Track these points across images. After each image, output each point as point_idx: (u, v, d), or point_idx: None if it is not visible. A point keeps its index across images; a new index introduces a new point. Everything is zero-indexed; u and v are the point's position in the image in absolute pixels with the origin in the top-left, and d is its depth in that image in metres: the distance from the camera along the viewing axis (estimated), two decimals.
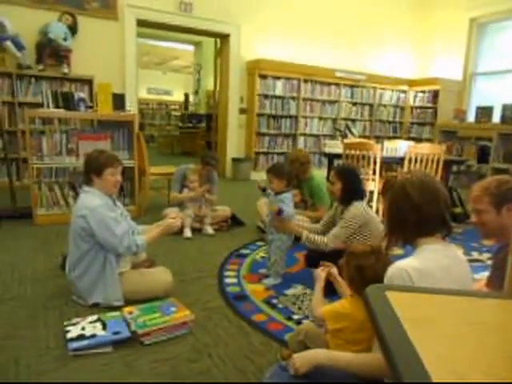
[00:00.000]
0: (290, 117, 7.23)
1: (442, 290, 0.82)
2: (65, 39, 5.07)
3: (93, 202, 2.18)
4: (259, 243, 3.47)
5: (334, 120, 7.67)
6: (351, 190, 2.51)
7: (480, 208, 1.54)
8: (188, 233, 3.58)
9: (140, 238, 2.30)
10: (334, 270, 1.77)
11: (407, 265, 1.16)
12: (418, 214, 1.24)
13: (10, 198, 3.86)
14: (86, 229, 2.16)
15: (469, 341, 0.60)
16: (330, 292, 1.79)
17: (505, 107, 5.85)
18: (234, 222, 3.96)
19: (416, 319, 0.61)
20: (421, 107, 8.08)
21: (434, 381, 0.49)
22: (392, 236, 1.34)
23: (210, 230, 3.71)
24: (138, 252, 2.31)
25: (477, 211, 1.55)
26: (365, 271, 1.40)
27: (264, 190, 2.74)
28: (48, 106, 3.83)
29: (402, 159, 4.38)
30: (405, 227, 1.28)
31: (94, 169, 2.24)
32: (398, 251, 2.87)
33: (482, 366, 0.55)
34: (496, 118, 6.13)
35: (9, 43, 4.80)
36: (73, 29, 5.20)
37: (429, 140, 7.34)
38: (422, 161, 4.19)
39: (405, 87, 8.23)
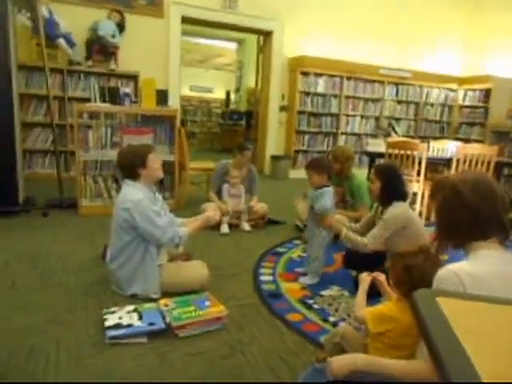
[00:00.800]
0: (331, 115, 7.09)
1: (501, 299, 0.74)
2: (113, 36, 5.22)
3: (136, 195, 2.22)
4: (296, 242, 3.42)
5: (377, 118, 7.44)
6: (391, 189, 2.39)
7: None
8: (225, 228, 3.59)
9: (182, 229, 2.33)
10: (382, 276, 1.67)
11: (460, 268, 1.06)
12: (470, 213, 1.13)
13: (58, 189, 4.03)
14: (128, 221, 2.20)
15: None
16: (371, 295, 1.71)
17: None
18: (270, 222, 3.93)
19: (471, 330, 0.55)
20: (470, 106, 7.68)
21: None
22: (442, 239, 1.23)
23: (246, 226, 3.70)
24: (180, 243, 2.33)
25: None
26: (413, 271, 1.31)
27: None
28: (95, 101, 3.96)
29: (448, 160, 4.17)
30: (456, 229, 1.18)
31: (138, 161, 2.27)
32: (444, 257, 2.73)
33: None
34: None
35: (61, 40, 5.01)
36: (120, 26, 5.34)
37: (478, 141, 6.95)
38: (471, 162, 3.97)
39: (454, 85, 7.85)
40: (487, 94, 7.24)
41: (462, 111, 7.88)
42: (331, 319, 2.15)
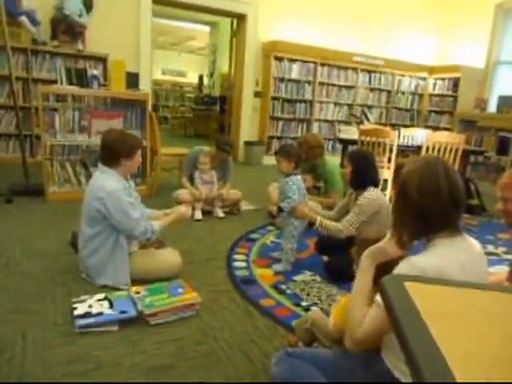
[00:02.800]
0: (305, 101, 7.10)
1: (466, 283, 0.76)
2: (80, 15, 5.00)
3: (111, 184, 2.15)
4: (270, 227, 3.44)
5: (350, 106, 7.51)
6: (362, 174, 2.45)
7: (507, 196, 1.46)
8: (198, 215, 3.56)
9: (155, 223, 2.28)
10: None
11: (420, 260, 1.10)
12: (418, 210, 1.16)
13: (24, 174, 3.88)
14: (101, 211, 2.14)
15: (496, 339, 0.55)
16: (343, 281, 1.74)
17: None
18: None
19: (438, 313, 0.56)
20: (440, 95, 7.85)
21: (458, 379, 0.45)
22: (396, 231, 1.23)
23: (220, 212, 3.69)
24: (152, 238, 2.28)
25: (503, 199, 1.48)
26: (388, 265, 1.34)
27: (281, 210, 2.64)
28: (61, 83, 3.80)
29: (418, 148, 4.27)
30: (407, 225, 1.20)
31: (125, 151, 2.20)
32: None
33: (507, 366, 0.50)
34: None
35: (24, 18, 4.76)
36: (88, 5, 5.12)
37: (447, 129, 7.14)
38: (439, 150, 4.07)
39: (424, 74, 7.99)
40: (456, 83, 7.42)
41: (432, 100, 8.06)
42: (303, 304, 2.18)
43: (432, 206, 1.14)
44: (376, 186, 2.51)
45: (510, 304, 0.66)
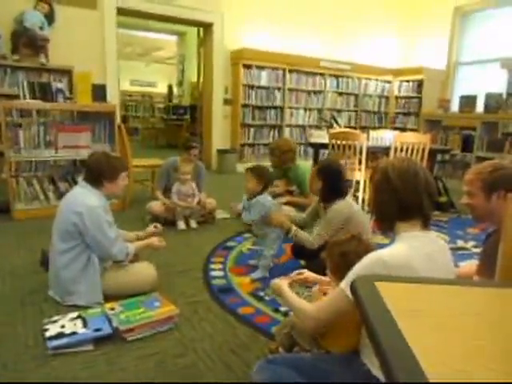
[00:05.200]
0: (276, 107, 7.17)
1: (433, 279, 0.78)
2: (41, 28, 4.88)
3: (91, 200, 2.12)
4: (246, 235, 3.43)
5: (320, 110, 7.63)
6: (333, 189, 2.47)
7: (471, 191, 1.52)
8: (182, 225, 3.55)
9: (129, 245, 2.25)
10: (309, 274, 1.72)
11: (385, 253, 1.15)
12: (395, 196, 1.24)
13: None
14: (78, 225, 2.09)
15: (464, 333, 0.56)
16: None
17: (488, 96, 5.90)
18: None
19: (408, 311, 0.58)
20: (405, 97, 8.09)
21: (430, 379, 0.46)
22: (376, 219, 1.33)
23: (193, 223, 3.64)
24: (126, 260, 2.24)
25: (468, 194, 1.54)
26: (348, 256, 1.38)
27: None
28: (25, 98, 3.70)
29: (387, 149, 4.37)
30: (385, 210, 1.28)
31: (108, 174, 2.19)
32: (384, 240, 2.86)
33: (480, 359, 0.52)
34: (480, 107, 6.17)
35: None
36: (49, 17, 5.01)
37: (414, 130, 7.37)
38: (407, 150, 4.18)
39: (389, 77, 8.22)
40: (420, 84, 7.66)
41: (398, 102, 8.29)
42: (282, 309, 2.18)
43: (410, 192, 1.23)
44: (345, 196, 2.51)
45: (476, 298, 0.68)
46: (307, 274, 1.74)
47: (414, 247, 1.17)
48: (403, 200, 1.23)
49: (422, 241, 1.21)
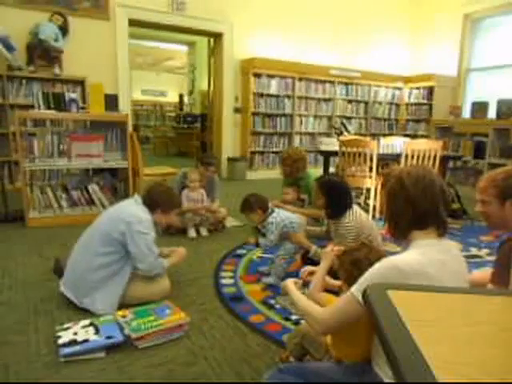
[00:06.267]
0: (285, 115, 7.19)
1: (446, 288, 0.77)
2: (56, 40, 5.00)
3: (142, 214, 2.23)
4: None
5: (330, 118, 7.63)
6: (336, 203, 2.47)
7: (484, 199, 1.50)
8: (192, 233, 3.57)
9: (164, 261, 2.33)
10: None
11: (400, 260, 1.14)
12: (411, 205, 1.22)
13: (2, 201, 3.79)
14: (125, 235, 2.14)
15: (477, 342, 0.56)
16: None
17: (500, 102, 5.84)
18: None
19: (420, 320, 0.57)
20: (416, 104, 8.05)
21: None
22: (390, 228, 1.32)
23: (204, 231, 3.65)
24: (160, 274, 2.31)
25: (482, 202, 1.52)
26: (361, 263, 1.37)
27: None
28: (39, 108, 3.77)
29: (398, 156, 4.34)
30: (398, 218, 1.27)
31: (164, 206, 2.34)
32: (396, 248, 2.84)
33: (492, 368, 0.51)
34: (491, 113, 6.11)
35: None
36: (64, 29, 5.12)
37: (424, 136, 7.32)
38: (418, 157, 4.15)
39: (400, 84, 8.20)
40: (430, 91, 7.62)
41: (409, 108, 8.25)
42: (293, 317, 2.17)
43: (425, 200, 1.21)
44: (349, 208, 2.49)
45: (490, 307, 0.67)
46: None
47: (427, 254, 1.16)
48: (419, 208, 1.21)
49: (437, 249, 1.19)
